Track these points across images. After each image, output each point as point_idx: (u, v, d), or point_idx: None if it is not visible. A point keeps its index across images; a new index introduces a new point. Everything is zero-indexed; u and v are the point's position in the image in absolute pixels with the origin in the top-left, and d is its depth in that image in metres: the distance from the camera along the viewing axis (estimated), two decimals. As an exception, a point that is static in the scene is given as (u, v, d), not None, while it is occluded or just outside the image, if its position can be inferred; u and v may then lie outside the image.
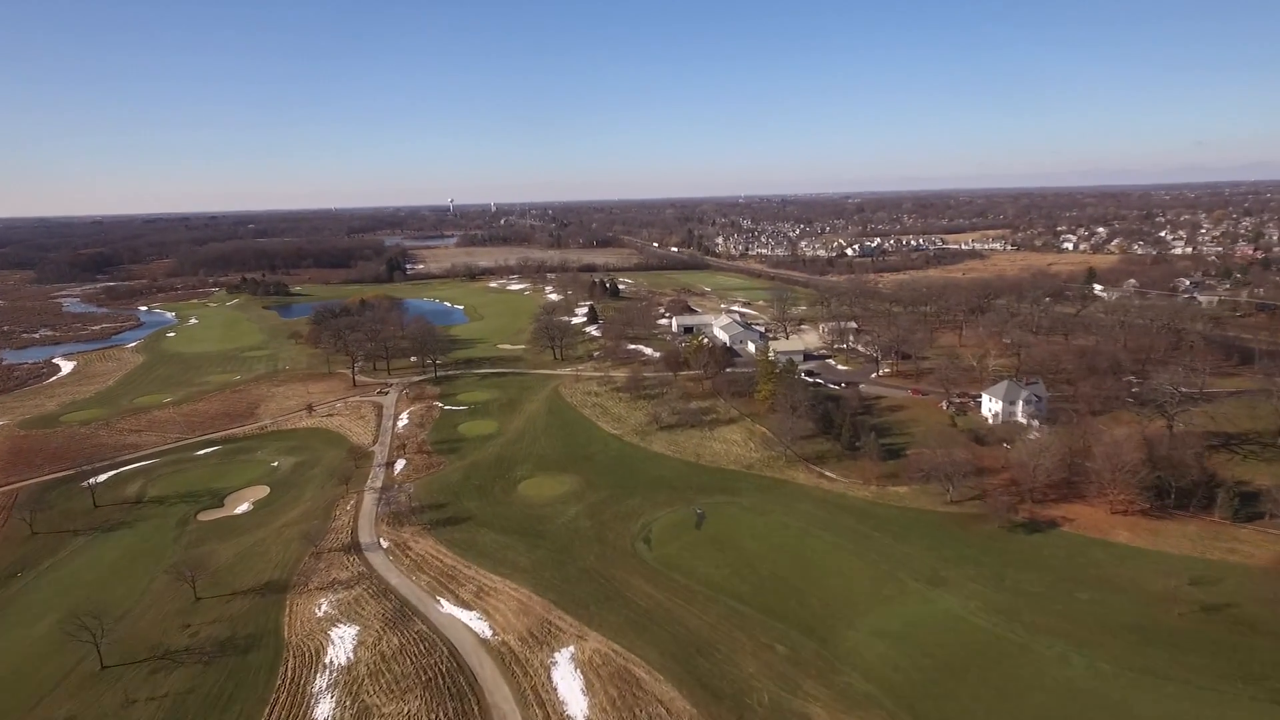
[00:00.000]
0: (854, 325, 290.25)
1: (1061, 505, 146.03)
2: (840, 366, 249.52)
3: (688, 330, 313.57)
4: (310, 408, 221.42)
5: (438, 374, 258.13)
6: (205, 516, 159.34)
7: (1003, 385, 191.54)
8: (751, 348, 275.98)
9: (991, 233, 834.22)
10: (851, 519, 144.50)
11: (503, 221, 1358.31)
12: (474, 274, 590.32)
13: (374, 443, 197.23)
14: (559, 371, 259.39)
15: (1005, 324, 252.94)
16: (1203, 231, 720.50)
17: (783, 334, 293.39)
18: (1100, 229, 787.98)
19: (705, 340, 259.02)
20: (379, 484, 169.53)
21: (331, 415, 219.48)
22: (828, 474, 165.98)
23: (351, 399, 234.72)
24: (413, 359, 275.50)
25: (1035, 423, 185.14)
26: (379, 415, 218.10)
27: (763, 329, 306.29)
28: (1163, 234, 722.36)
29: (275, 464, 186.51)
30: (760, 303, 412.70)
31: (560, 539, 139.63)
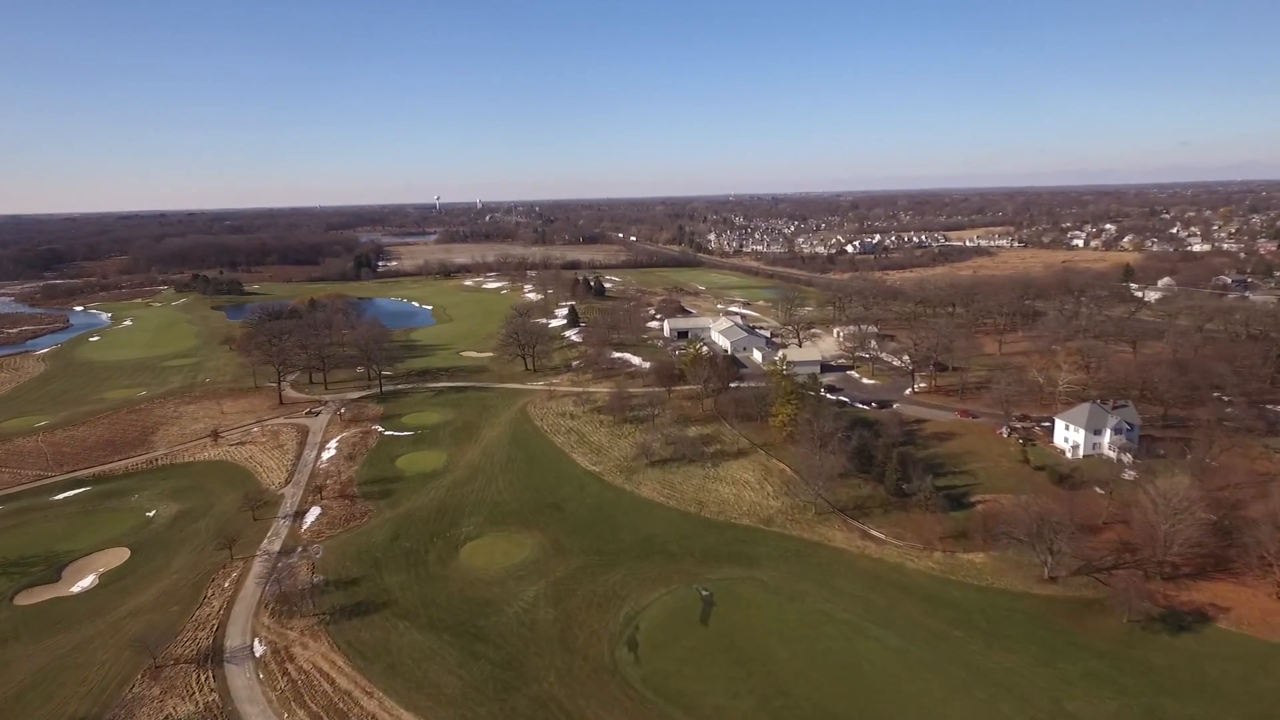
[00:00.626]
0: (874, 329, 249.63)
1: (1204, 585, 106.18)
2: (866, 380, 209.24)
3: (682, 335, 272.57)
4: (215, 434, 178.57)
5: (383, 389, 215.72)
6: (27, 598, 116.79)
7: (1084, 409, 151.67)
8: (758, 356, 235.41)
9: (995, 229, 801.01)
10: (918, 607, 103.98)
11: (488, 218, 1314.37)
12: (449, 271, 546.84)
13: (287, 482, 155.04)
14: (529, 386, 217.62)
15: (1063, 328, 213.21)
16: (1215, 228, 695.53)
17: (794, 340, 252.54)
18: (1108, 225, 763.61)
19: (704, 348, 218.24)
20: (277, 545, 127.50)
21: (242, 444, 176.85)
22: (874, 532, 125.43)
23: (273, 421, 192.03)
24: (359, 370, 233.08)
25: (1128, 458, 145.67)
26: (301, 444, 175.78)
27: (768, 333, 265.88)
28: (1173, 231, 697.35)
29: (151, 514, 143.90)
30: (761, 303, 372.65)
31: (510, 642, 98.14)
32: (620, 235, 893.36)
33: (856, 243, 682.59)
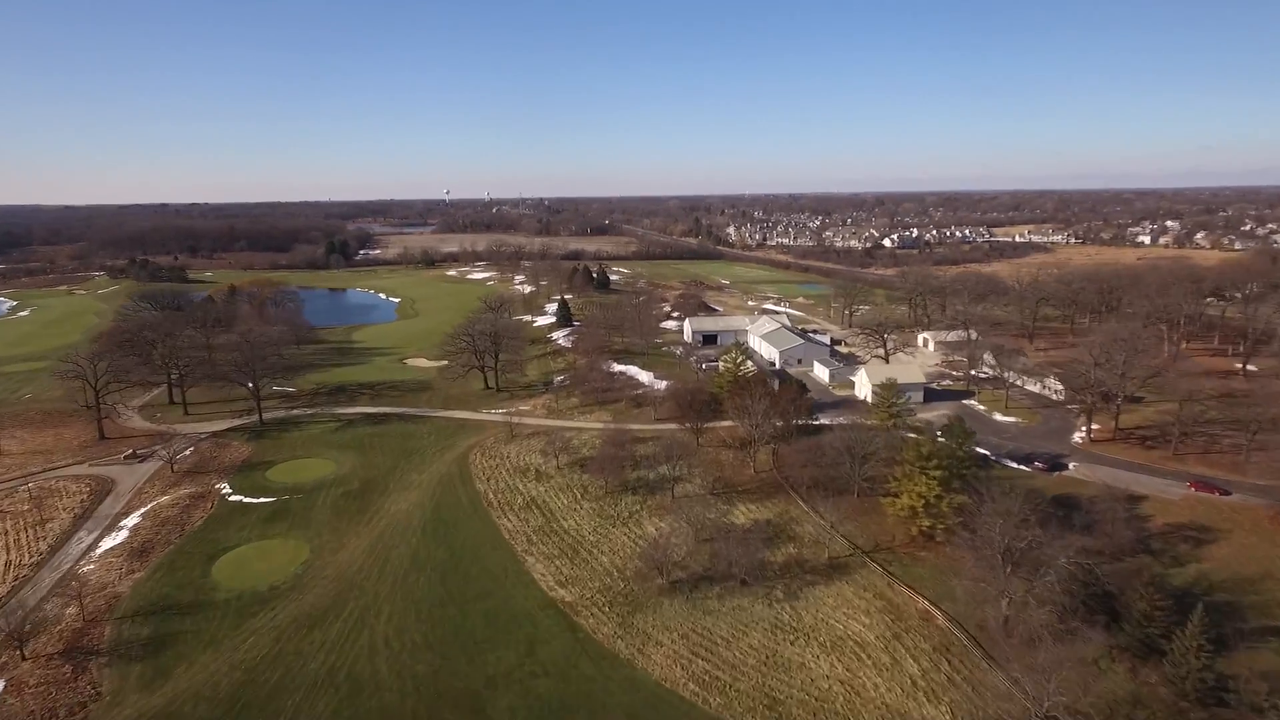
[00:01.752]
0: (979, 338, 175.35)
1: None
2: (998, 417, 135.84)
3: (709, 340, 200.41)
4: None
5: (263, 418, 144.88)
6: None
7: None
8: (821, 374, 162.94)
9: (1047, 225, 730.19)
10: None
11: (494, 210, 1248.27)
12: (432, 261, 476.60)
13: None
14: (483, 415, 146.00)
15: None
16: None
17: (875, 349, 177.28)
18: (1170, 223, 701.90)
19: (749, 364, 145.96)
20: None
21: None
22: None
23: (66, 470, 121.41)
24: (251, 385, 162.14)
25: None
26: (81, 517, 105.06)
27: (828, 340, 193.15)
28: (1245, 227, 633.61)
29: None
30: (801, 299, 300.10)
31: None
32: (632, 227, 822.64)
33: (894, 236, 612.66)
